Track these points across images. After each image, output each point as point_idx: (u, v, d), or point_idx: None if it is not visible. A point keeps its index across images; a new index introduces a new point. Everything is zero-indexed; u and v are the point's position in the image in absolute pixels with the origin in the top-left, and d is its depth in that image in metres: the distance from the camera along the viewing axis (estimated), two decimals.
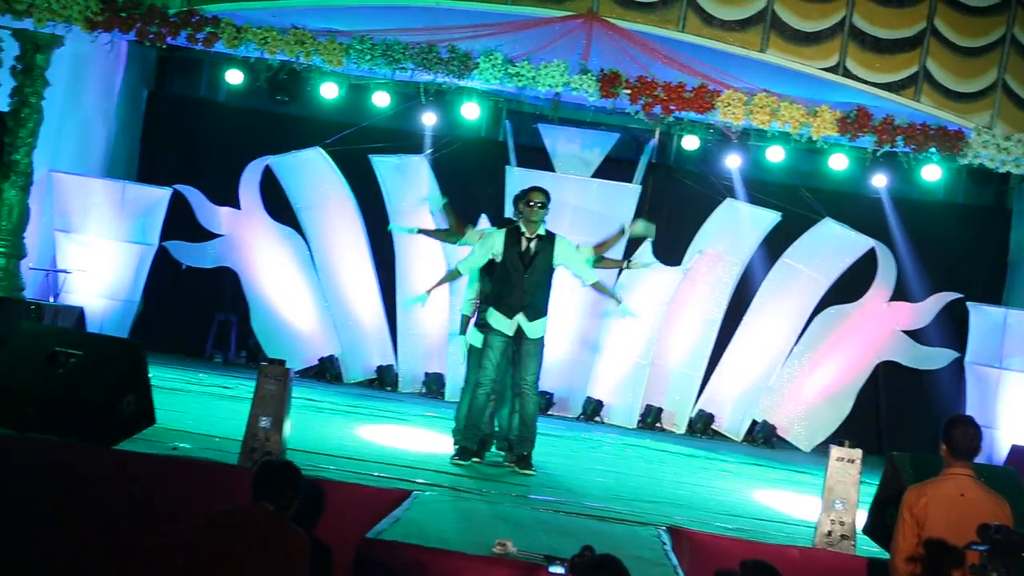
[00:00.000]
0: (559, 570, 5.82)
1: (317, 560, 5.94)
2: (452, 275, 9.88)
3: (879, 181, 14.25)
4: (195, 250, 14.25)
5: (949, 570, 5.95)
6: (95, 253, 13.17)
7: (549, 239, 9.30)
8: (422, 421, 11.81)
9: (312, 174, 14.33)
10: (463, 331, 10.05)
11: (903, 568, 6.10)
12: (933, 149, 11.97)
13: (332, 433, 10.02)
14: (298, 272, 14.34)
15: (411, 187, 14.16)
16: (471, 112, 13.25)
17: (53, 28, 11.56)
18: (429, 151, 14.52)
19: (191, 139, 14.94)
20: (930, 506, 6.06)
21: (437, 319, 14.11)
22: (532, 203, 9.24)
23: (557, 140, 14.42)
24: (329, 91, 13.00)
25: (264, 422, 7.66)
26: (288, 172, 14.35)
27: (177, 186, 13.86)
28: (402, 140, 14.54)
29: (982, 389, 13.09)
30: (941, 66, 12.03)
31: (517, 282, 9.22)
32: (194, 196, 14.05)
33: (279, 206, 14.38)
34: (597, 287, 9.77)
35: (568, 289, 9.58)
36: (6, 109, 11.92)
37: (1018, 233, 14.83)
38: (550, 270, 9.31)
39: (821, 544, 7.65)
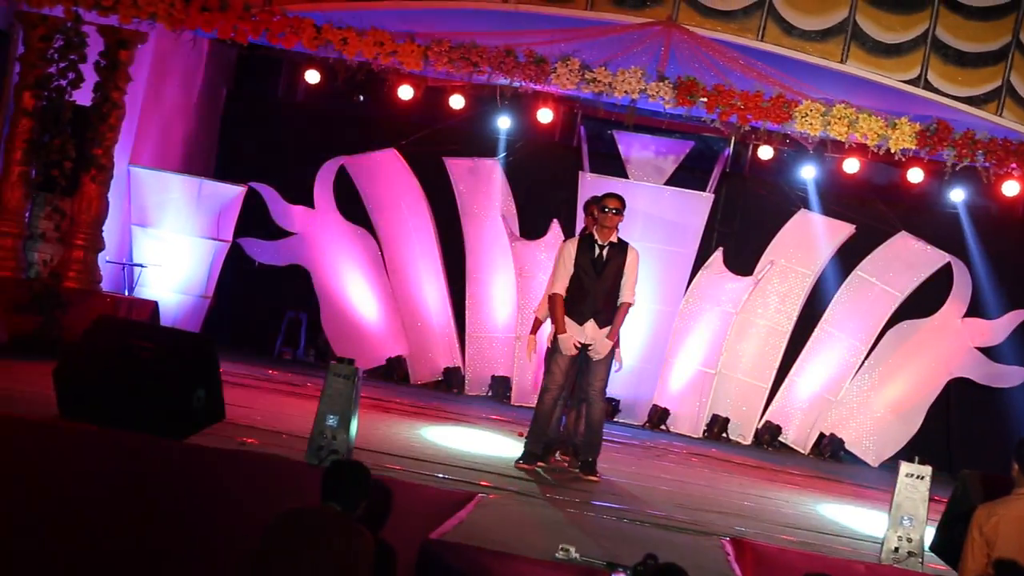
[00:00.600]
0: None
1: (382, 561, 5.96)
2: (554, 306, 9.45)
3: (957, 195, 14.08)
4: (268, 247, 14.40)
5: None
6: (170, 248, 13.35)
7: (622, 247, 9.28)
8: (488, 424, 11.83)
9: (386, 175, 14.42)
10: (533, 332, 10.10)
11: None
12: (1014, 165, 11.80)
13: (398, 433, 10.07)
14: (368, 272, 14.43)
15: (483, 190, 14.21)
16: (546, 117, 13.25)
17: (137, 24, 11.70)
18: (503, 155, 14.57)
19: (268, 138, 15.09)
20: (1000, 525, 5.98)
21: (505, 322, 14.15)
22: (607, 209, 9.22)
23: (631, 147, 14.39)
24: (405, 92, 13.08)
25: (331, 420, 7.72)
26: (362, 172, 14.45)
27: (252, 184, 14.01)
28: (476, 143, 14.60)
29: None
30: None
31: (589, 288, 9.22)
32: (269, 194, 14.20)
33: (352, 206, 14.49)
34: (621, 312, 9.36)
35: (639, 297, 9.53)
36: (88, 104, 12.10)
37: None
38: (619, 277, 9.27)
39: (888, 560, 7.57)
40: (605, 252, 9.24)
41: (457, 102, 13.48)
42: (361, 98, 14.11)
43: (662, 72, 11.81)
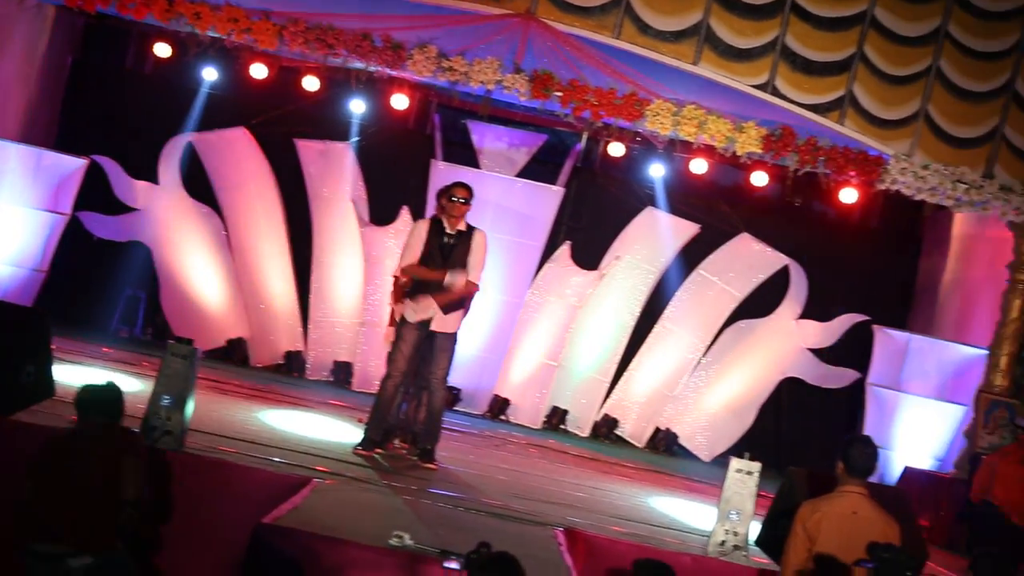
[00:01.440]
0: (454, 565, 5.82)
1: (157, 468, 6.66)
2: (396, 282, 9.53)
3: (797, 200, 14.43)
4: (108, 222, 14.04)
5: None
6: (4, 219, 12.91)
7: (468, 234, 9.30)
8: (327, 409, 11.75)
9: (235, 154, 14.19)
10: (391, 323, 10.07)
11: None
12: (853, 173, 12.15)
13: (234, 415, 9.94)
14: (212, 252, 14.19)
15: (334, 173, 14.10)
16: (401, 103, 13.18)
17: None
18: (355, 139, 14.45)
19: (113, 110, 14.69)
20: (823, 522, 6.15)
21: (350, 308, 14.06)
22: (455, 198, 9.24)
23: (484, 137, 14.42)
24: (258, 71, 12.86)
25: (166, 400, 7.58)
26: (211, 150, 14.19)
27: (95, 157, 13.64)
28: (328, 126, 14.44)
29: (881, 410, 13.32)
30: (867, 92, 12.20)
31: (436, 274, 9.21)
32: (112, 168, 13.85)
33: (198, 184, 14.21)
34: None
35: (485, 287, 9.56)
36: None
37: (927, 261, 15.10)
38: (466, 265, 9.29)
39: (714, 553, 7.74)
40: (453, 240, 9.25)
41: (311, 84, 13.30)
42: (213, 75, 13.82)
43: (518, 64, 11.87)
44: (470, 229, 9.34)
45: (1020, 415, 11.73)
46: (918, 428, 13.03)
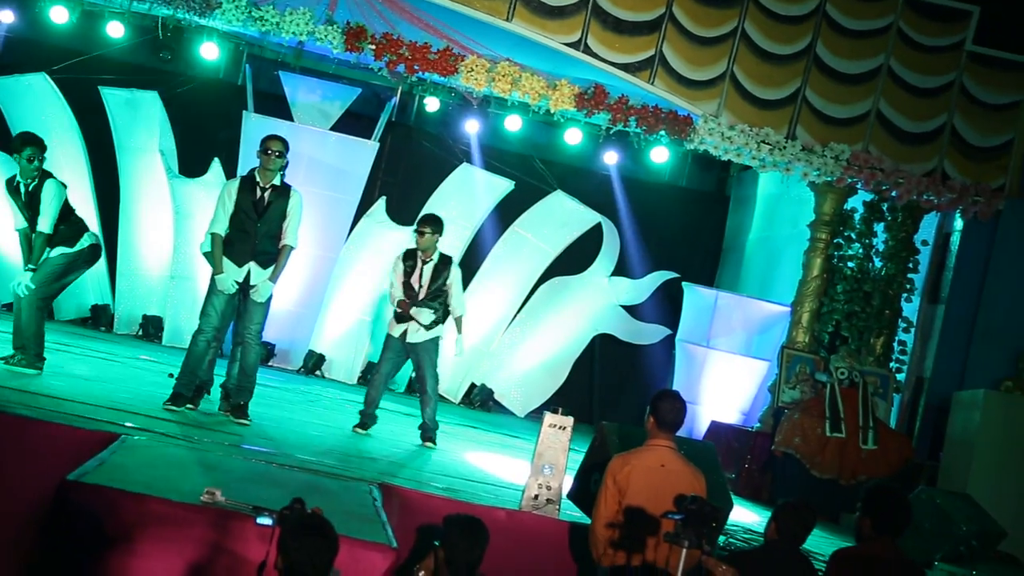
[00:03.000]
0: (267, 521, 5.75)
1: None
2: (213, 246, 9.33)
3: (610, 158, 14.65)
4: None
5: (645, 537, 6.19)
6: None
7: (284, 190, 9.17)
8: (136, 364, 11.47)
9: (35, 101, 13.66)
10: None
11: (602, 533, 6.31)
12: (663, 132, 12.37)
13: (45, 371, 9.59)
14: (8, 202, 13.62)
15: (142, 123, 13.72)
16: (210, 52, 12.88)
17: None
18: (163, 88, 14.05)
19: None
20: (632, 475, 6.27)
21: (160, 261, 13.74)
22: (269, 151, 9.08)
23: (297, 90, 14.22)
24: (59, 15, 12.36)
25: None
26: (9, 96, 13.64)
27: None
28: (136, 74, 14.03)
29: (690, 366, 13.68)
30: (676, 52, 12.41)
31: (250, 231, 9.06)
32: None
33: None
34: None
35: (300, 242, 9.44)
36: None
37: (734, 219, 15.54)
38: (282, 220, 9.16)
39: (527, 507, 7.84)
40: (267, 195, 9.10)
41: (116, 30, 12.86)
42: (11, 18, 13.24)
43: (331, 16, 11.71)
44: (286, 187, 9.19)
45: (819, 370, 12.18)
46: (725, 383, 13.44)
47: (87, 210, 13.65)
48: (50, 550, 5.95)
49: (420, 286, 10.07)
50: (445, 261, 10.14)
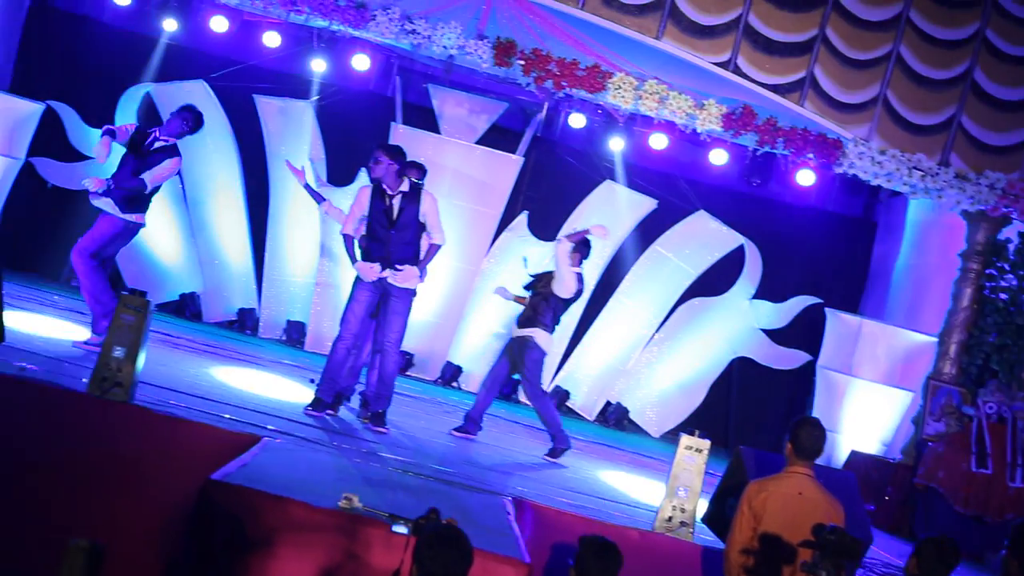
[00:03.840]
0: (402, 530, 5.83)
1: None
2: (345, 243, 9.55)
3: (755, 180, 14.46)
4: (63, 169, 13.87)
5: (780, 565, 6.10)
6: None
7: (414, 194, 9.25)
8: (279, 368, 11.69)
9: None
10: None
11: (736, 559, 6.24)
12: (811, 155, 12.20)
13: (186, 371, 9.86)
14: (167, 204, 14.04)
15: (293, 132, 13.98)
16: (362, 64, 13.09)
17: None
18: (315, 98, 14.33)
19: (71, 56, 14.48)
20: (769, 501, 6.19)
21: (305, 267, 13.98)
22: (406, 178, 9.24)
23: (445, 102, 14.34)
24: (219, 24, 12.72)
25: (118, 352, 7.51)
26: (169, 102, 13.97)
27: (51, 102, 13.45)
28: (289, 84, 14.30)
29: (830, 393, 13.44)
30: (828, 74, 12.25)
31: (384, 239, 9.19)
32: (68, 114, 13.67)
33: None
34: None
35: (440, 253, 9.54)
36: None
37: (881, 246, 15.22)
38: (418, 226, 9.27)
39: (660, 528, 7.79)
40: (396, 201, 9.20)
41: (272, 39, 13.17)
42: (173, 26, 13.64)
43: (482, 31, 11.81)
44: (415, 191, 9.28)
45: (967, 403, 11.88)
46: (866, 412, 13.16)
47: (237, 215, 14.01)
48: (192, 547, 6.09)
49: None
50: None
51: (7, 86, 14.05)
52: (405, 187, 9.24)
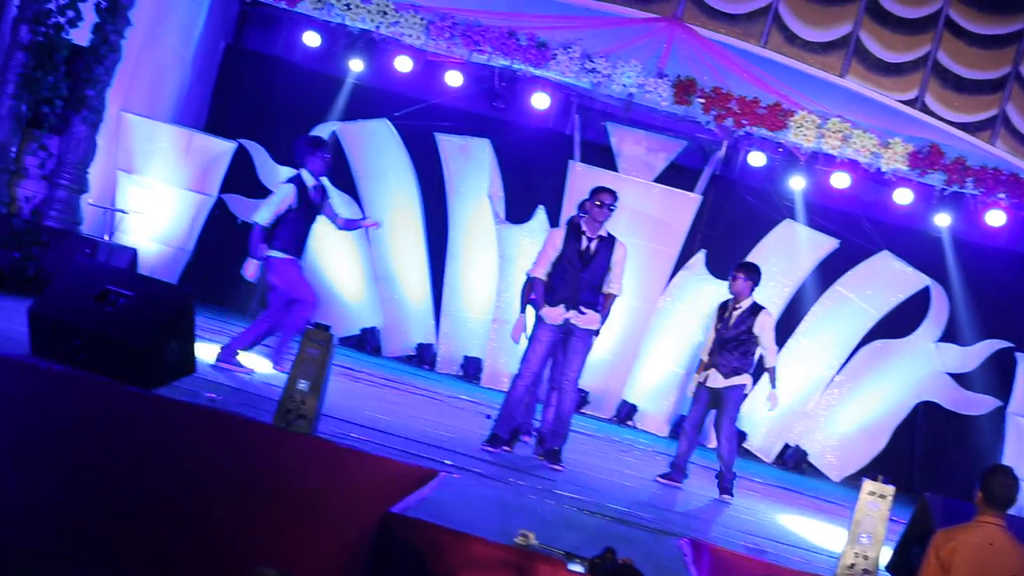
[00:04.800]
0: (579, 568, 5.81)
1: None
2: (531, 285, 9.66)
3: (942, 220, 14.11)
4: (252, 206, 14.29)
5: None
6: (154, 197, 13.26)
7: (610, 240, 9.29)
8: (456, 403, 11.81)
9: (377, 145, 14.34)
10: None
11: None
12: (1002, 195, 11.84)
13: (366, 404, 10.03)
14: (350, 240, 14.36)
15: (473, 170, 14.17)
16: (542, 102, 13.22)
17: None
18: (494, 136, 14.50)
19: (262, 96, 14.99)
20: (957, 551, 6.01)
21: (483, 304, 14.12)
22: (602, 204, 9.21)
23: (624, 140, 14.36)
24: (403, 64, 13.01)
25: (302, 384, 7.67)
26: (353, 140, 14.38)
27: (242, 140, 13.92)
28: (469, 123, 14.52)
29: (1022, 441, 12.95)
30: (1022, 112, 11.88)
31: (572, 279, 9.22)
32: (258, 152, 14.12)
33: (340, 173, 14.39)
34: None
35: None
36: (86, 44, 11.99)
37: None
38: (606, 271, 9.29)
39: (843, 575, 7.59)
40: (593, 245, 9.24)
41: (454, 79, 13.42)
42: (360, 66, 13.99)
43: (662, 69, 11.80)
44: (611, 237, 9.31)
45: None
46: None
47: (417, 251, 14.24)
48: None
49: (727, 331, 9.98)
50: (754, 309, 9.96)
51: (202, 125, 14.60)
52: (603, 232, 9.28)
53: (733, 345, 10.00)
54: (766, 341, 10.07)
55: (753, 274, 10.10)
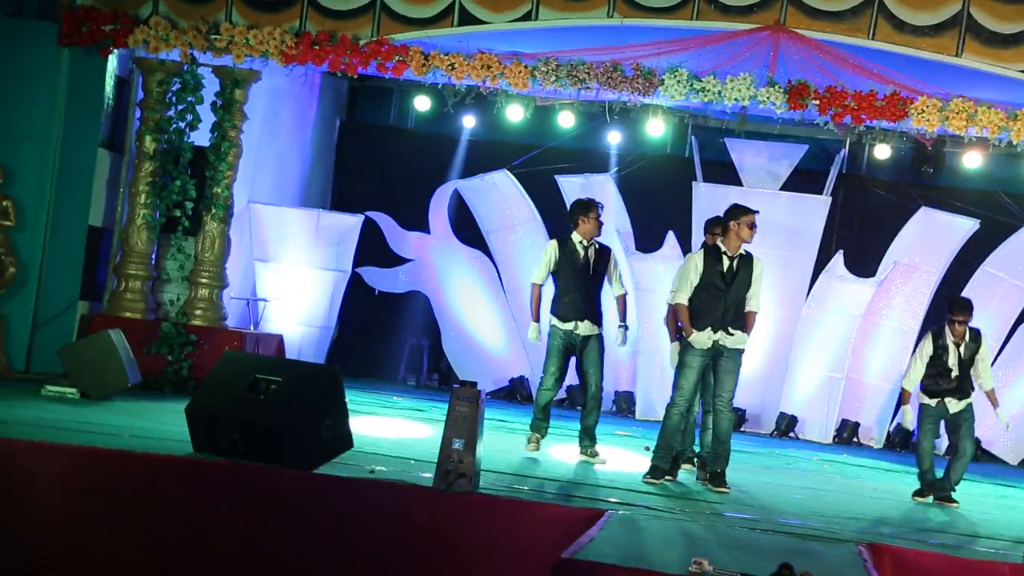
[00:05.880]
0: None
1: None
2: (679, 312, 9.59)
3: None
4: (387, 275, 14.57)
5: None
6: (292, 281, 13.56)
7: (748, 258, 9.23)
8: (613, 440, 11.79)
9: (499, 196, 14.49)
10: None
11: None
12: None
13: (524, 454, 10.08)
14: (487, 294, 14.51)
15: None
16: (656, 129, 13.22)
17: (251, 63, 11.95)
18: (615, 169, 14.55)
19: (381, 166, 15.29)
20: None
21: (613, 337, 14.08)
22: (752, 226, 9.17)
23: (744, 154, 14.27)
24: (515, 113, 13.12)
25: (457, 444, 7.74)
26: (476, 195, 14.55)
27: (368, 213, 14.19)
28: (588, 160, 14.61)
29: None
30: None
31: (718, 301, 9.17)
32: (385, 222, 14.38)
33: (467, 229, 14.58)
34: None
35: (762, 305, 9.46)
36: (207, 144, 12.37)
37: None
38: (747, 289, 9.23)
39: None
40: (735, 264, 9.19)
41: (566, 120, 13.51)
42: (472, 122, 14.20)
43: (772, 77, 11.69)
44: (748, 255, 9.26)
45: None
46: None
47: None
48: None
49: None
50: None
51: (328, 203, 14.92)
52: (742, 250, 9.24)
53: (965, 374, 10.11)
54: (984, 368, 10.25)
55: (971, 311, 10.25)
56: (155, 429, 8.99)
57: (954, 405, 10.10)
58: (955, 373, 10.04)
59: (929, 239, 13.88)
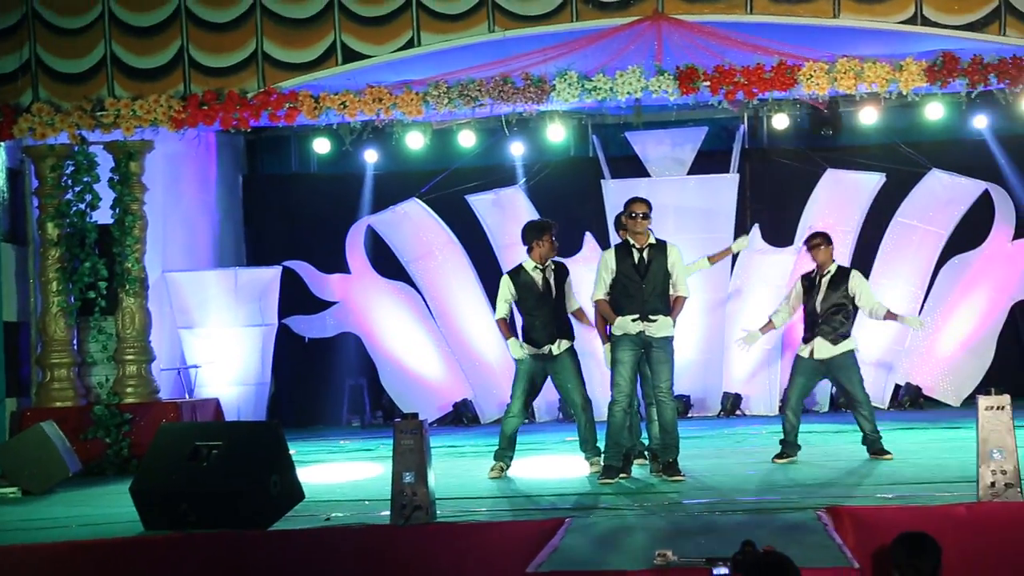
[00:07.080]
0: (723, 571, 5.77)
1: None
2: (599, 307, 9.62)
3: (980, 122, 13.95)
4: (314, 322, 14.50)
5: None
6: (220, 343, 13.44)
7: (661, 247, 9.27)
8: (563, 447, 11.80)
9: (413, 225, 14.49)
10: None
11: None
12: None
13: (477, 475, 10.06)
14: (417, 323, 14.48)
15: (511, 220, 14.21)
16: (556, 134, 13.27)
17: (141, 134, 11.83)
18: (523, 181, 14.59)
19: (291, 214, 15.23)
20: None
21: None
22: (635, 215, 9.21)
23: (646, 145, 14.39)
24: (415, 141, 13.11)
25: (408, 477, 7.70)
26: (389, 228, 14.53)
27: (285, 263, 14.12)
28: (494, 175, 14.66)
29: None
30: None
31: (635, 293, 9.20)
32: (304, 269, 14.31)
33: (387, 262, 14.54)
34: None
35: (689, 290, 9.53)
36: (111, 221, 12.22)
37: None
38: (667, 276, 9.25)
39: (986, 497, 7.45)
40: (646, 254, 9.23)
41: (467, 139, 13.54)
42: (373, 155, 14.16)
43: (660, 66, 11.79)
44: (661, 243, 9.30)
45: None
46: None
47: (482, 311, 14.24)
48: None
49: (824, 301, 9.95)
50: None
51: (244, 260, 14.82)
52: (652, 240, 9.28)
53: (833, 311, 9.94)
54: (867, 297, 10.12)
55: (830, 239, 10.18)
56: (103, 514, 8.84)
57: (825, 349, 10.00)
58: (821, 307, 10.00)
59: (839, 200, 14.07)
